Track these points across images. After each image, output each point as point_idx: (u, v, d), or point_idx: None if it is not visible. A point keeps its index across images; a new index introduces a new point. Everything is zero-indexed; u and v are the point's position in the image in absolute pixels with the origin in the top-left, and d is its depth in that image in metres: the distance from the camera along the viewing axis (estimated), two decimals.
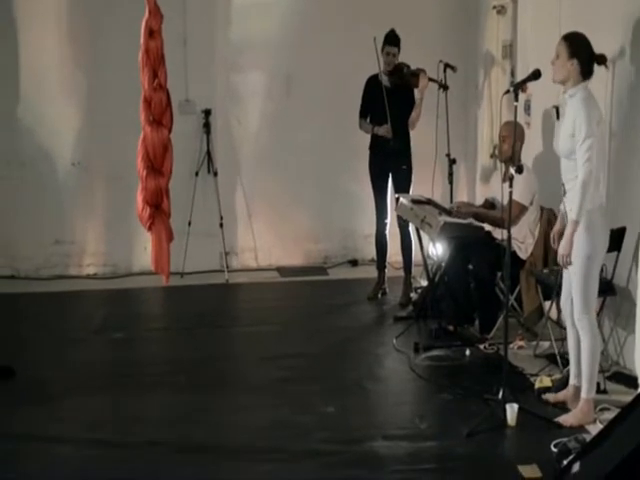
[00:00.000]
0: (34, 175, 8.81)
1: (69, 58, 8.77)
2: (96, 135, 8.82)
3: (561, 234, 5.12)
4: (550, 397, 5.43)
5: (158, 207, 5.82)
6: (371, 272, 8.22)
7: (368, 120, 7.83)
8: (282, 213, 9.07)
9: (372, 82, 7.80)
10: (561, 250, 5.01)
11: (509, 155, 6.45)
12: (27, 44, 8.72)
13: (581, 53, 5.01)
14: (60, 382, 5.97)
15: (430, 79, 7.61)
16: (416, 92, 7.61)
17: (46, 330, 7.20)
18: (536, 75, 5.29)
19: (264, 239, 9.13)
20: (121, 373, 6.18)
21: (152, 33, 5.96)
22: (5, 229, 8.67)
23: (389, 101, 7.58)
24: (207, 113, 8.83)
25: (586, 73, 5.03)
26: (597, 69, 5.12)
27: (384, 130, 7.65)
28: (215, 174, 8.78)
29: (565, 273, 5.27)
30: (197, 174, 8.70)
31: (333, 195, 9.09)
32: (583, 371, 5.15)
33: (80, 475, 4.70)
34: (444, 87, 7.64)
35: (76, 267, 8.92)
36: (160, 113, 5.95)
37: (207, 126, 8.82)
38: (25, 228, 8.76)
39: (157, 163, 5.86)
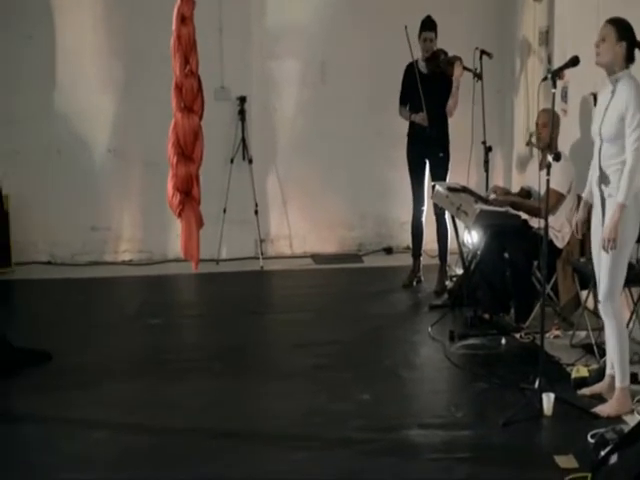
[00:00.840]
0: (70, 162, 8.87)
1: (105, 45, 8.81)
2: (131, 122, 8.86)
3: (584, 222, 5.09)
4: (586, 391, 5.37)
5: (188, 194, 5.81)
6: (406, 260, 8.20)
7: (407, 107, 7.80)
8: (317, 200, 9.07)
9: (410, 69, 7.77)
10: (608, 234, 4.93)
11: (547, 142, 6.38)
12: (63, 31, 8.78)
13: (628, 37, 4.97)
14: (97, 367, 6.01)
15: (465, 68, 7.56)
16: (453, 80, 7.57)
17: (83, 316, 7.27)
18: (574, 62, 5.23)
19: (299, 226, 9.14)
20: (157, 359, 6.21)
21: (184, 19, 5.93)
22: (42, 215, 8.74)
23: (425, 88, 7.55)
24: (242, 100, 8.84)
25: (630, 58, 4.99)
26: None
27: (420, 118, 7.62)
28: (250, 161, 8.79)
29: (595, 260, 5.22)
30: (232, 161, 8.72)
31: (368, 182, 9.07)
32: (614, 359, 5.11)
33: (119, 459, 4.73)
34: (478, 76, 7.61)
35: (112, 253, 8.99)
36: (191, 100, 5.92)
37: (242, 113, 8.84)
38: (61, 214, 8.83)
39: (188, 150, 5.84)
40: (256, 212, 8.74)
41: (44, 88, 8.82)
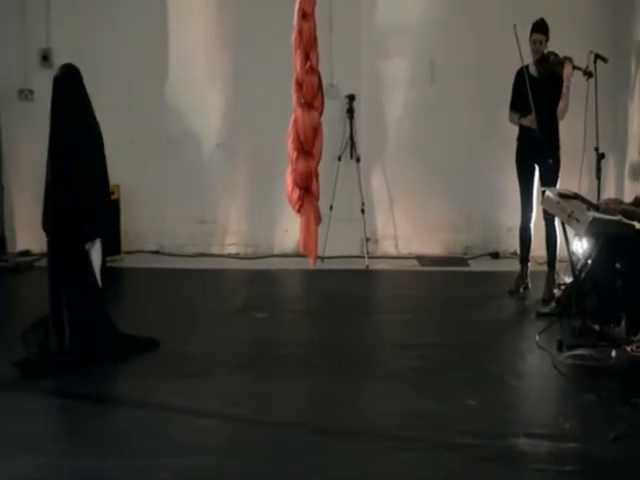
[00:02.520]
0: (180, 155, 9.02)
1: (216, 39, 8.95)
2: (240, 116, 8.97)
3: None
4: None
5: (307, 189, 5.83)
6: (513, 265, 8.07)
7: (518, 113, 7.69)
8: (423, 201, 9.02)
9: (521, 74, 7.65)
10: None
11: None
12: (176, 25, 8.94)
13: None
14: (202, 358, 6.10)
15: (575, 67, 7.41)
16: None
17: (189, 306, 7.39)
18: None
19: (405, 227, 9.10)
20: (262, 353, 6.28)
21: (305, 15, 5.93)
22: (152, 206, 8.91)
23: (535, 91, 7.42)
24: (351, 98, 8.86)
25: None
26: None
27: (529, 121, 7.50)
28: (357, 160, 8.79)
29: None
30: (340, 159, 8.74)
31: (476, 185, 8.97)
32: None
33: (224, 448, 4.79)
34: (588, 74, 7.42)
35: (218, 246, 9.11)
36: (311, 96, 5.93)
37: (351, 111, 8.86)
38: (170, 206, 8.99)
39: (307, 145, 5.86)
40: (362, 211, 8.75)
41: (156, 81, 9.00)
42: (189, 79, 8.97)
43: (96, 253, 6.01)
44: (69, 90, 5.94)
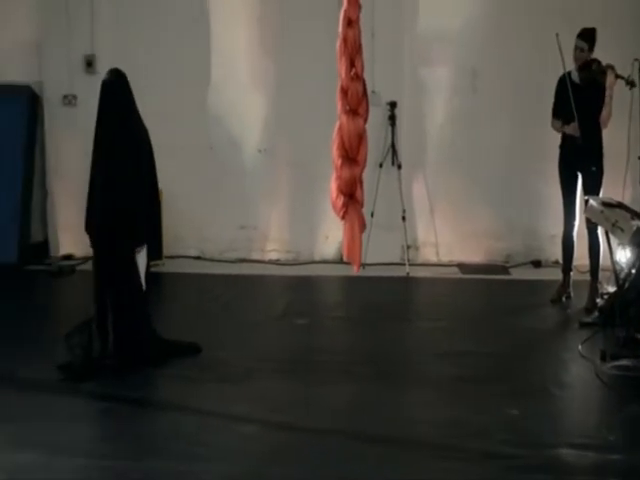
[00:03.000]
0: (221, 160, 9.07)
1: (258, 46, 8.98)
2: (282, 122, 8.99)
3: None
4: None
5: (352, 196, 5.84)
6: (555, 274, 8.01)
7: (561, 120, 7.64)
8: (464, 209, 8.98)
9: (563, 81, 7.60)
10: None
11: None
12: (218, 32, 9.00)
13: None
14: (244, 363, 6.12)
15: (617, 76, 7.34)
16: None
17: (230, 311, 7.42)
18: None
19: (445, 234, 9.06)
20: (303, 359, 6.27)
21: (350, 22, 5.94)
22: (193, 211, 8.96)
23: (578, 99, 7.37)
24: (392, 105, 8.84)
25: None
26: None
27: (571, 128, 7.45)
28: (399, 167, 8.78)
29: None
30: (381, 166, 8.73)
31: (517, 193, 8.92)
32: None
33: (267, 455, 4.78)
34: (631, 84, 7.36)
35: (259, 252, 9.13)
36: (356, 103, 5.95)
37: (392, 118, 8.85)
38: (211, 211, 9.04)
39: (352, 152, 5.87)
40: (404, 218, 8.73)
41: (199, 87, 9.06)
42: (232, 85, 9.02)
43: (142, 257, 6.05)
44: (118, 94, 6.00)
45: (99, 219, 5.97)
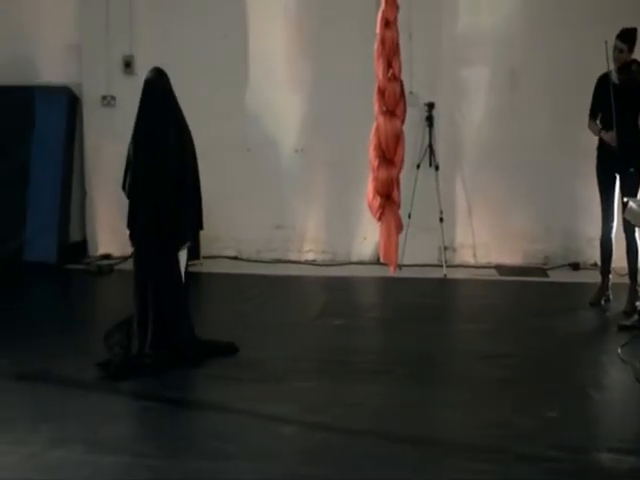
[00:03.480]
0: (258, 160, 9.08)
1: (296, 46, 8.99)
2: (319, 123, 9.00)
3: None
4: None
5: (388, 197, 5.83)
6: (594, 277, 7.94)
7: (598, 121, 7.57)
8: (502, 210, 8.93)
9: (602, 81, 7.53)
10: None
11: None
12: (256, 32, 9.02)
13: None
14: (281, 363, 6.13)
15: None
16: None
17: (267, 312, 7.44)
18: None
19: (483, 236, 9.01)
20: (340, 360, 6.26)
21: (388, 23, 5.94)
22: (230, 212, 8.97)
23: (617, 100, 7.30)
24: (430, 106, 8.81)
25: None
26: None
27: (609, 137, 7.38)
28: (436, 168, 8.75)
29: None
30: (418, 167, 8.70)
31: (555, 194, 8.85)
32: None
33: (306, 456, 4.78)
34: None
35: (295, 252, 9.14)
36: (394, 104, 5.94)
37: (430, 119, 8.82)
38: (248, 211, 9.05)
39: (389, 153, 5.86)
40: (441, 219, 8.69)
41: (236, 87, 9.08)
42: (269, 85, 9.03)
43: (182, 255, 6.09)
44: (161, 91, 6.03)
45: (144, 217, 5.99)
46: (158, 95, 6.03)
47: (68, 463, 4.62)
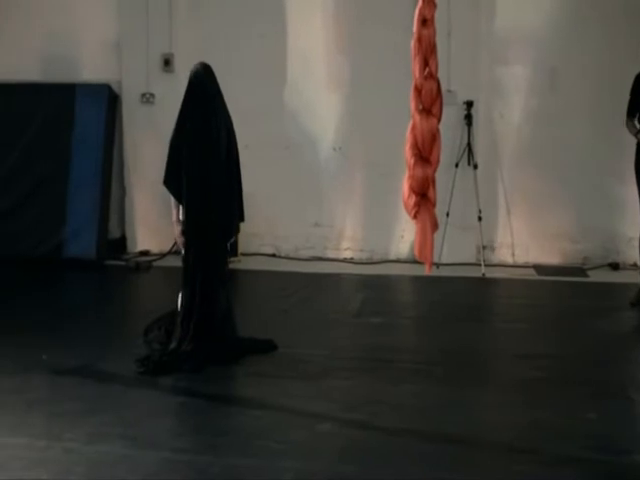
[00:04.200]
0: (297, 158, 9.12)
1: (333, 44, 9.01)
2: (357, 121, 9.03)
3: None
4: None
5: (424, 196, 5.82)
6: (634, 277, 7.91)
7: (636, 119, 7.50)
8: (541, 210, 8.89)
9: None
10: None
11: None
12: (295, 31, 9.06)
13: None
14: (319, 361, 6.13)
15: None
16: None
17: (305, 309, 7.46)
18: None
19: (522, 235, 8.98)
20: (378, 358, 6.25)
21: (425, 21, 5.92)
22: (269, 209, 9.02)
23: None
24: (469, 105, 8.79)
25: None
26: None
27: None
28: (475, 167, 8.72)
29: None
30: (457, 165, 8.68)
31: (595, 194, 8.81)
32: None
33: (343, 453, 4.77)
34: None
35: (333, 250, 9.16)
36: (430, 102, 5.93)
37: (468, 118, 8.80)
38: (287, 209, 9.09)
39: (425, 152, 5.85)
40: (479, 218, 8.66)
41: (275, 85, 9.13)
42: (307, 84, 9.07)
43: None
44: (207, 83, 6.03)
45: (196, 212, 5.99)
46: (205, 87, 6.01)
47: (107, 458, 4.64)
